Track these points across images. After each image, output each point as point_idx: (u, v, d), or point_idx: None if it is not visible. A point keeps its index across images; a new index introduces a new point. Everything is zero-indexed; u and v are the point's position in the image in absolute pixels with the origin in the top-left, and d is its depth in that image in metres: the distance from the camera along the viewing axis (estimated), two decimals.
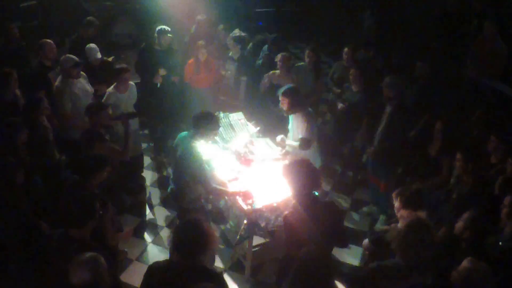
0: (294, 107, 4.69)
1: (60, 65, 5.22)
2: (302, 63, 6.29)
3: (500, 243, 3.28)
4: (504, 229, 3.37)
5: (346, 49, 6.08)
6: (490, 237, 3.40)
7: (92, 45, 5.87)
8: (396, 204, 3.58)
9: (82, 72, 5.44)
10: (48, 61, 5.65)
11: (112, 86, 5.33)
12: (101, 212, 3.26)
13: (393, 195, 3.66)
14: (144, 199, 5.79)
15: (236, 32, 6.26)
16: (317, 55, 6.12)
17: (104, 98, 5.29)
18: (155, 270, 2.80)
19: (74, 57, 5.26)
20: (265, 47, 6.85)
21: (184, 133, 4.30)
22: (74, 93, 5.22)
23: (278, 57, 5.93)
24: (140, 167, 6.10)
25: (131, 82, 5.57)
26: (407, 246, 2.86)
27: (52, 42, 5.68)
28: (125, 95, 5.39)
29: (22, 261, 3.47)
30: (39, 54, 5.67)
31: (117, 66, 5.38)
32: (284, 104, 4.70)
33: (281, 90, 4.73)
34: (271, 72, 6.05)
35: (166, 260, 2.89)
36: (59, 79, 5.27)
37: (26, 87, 5.23)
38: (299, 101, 4.72)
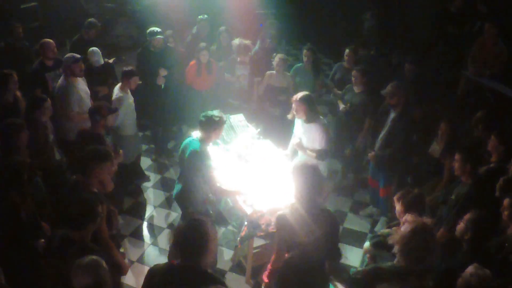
0: (311, 115, 4.58)
1: (63, 64, 5.25)
2: (300, 63, 6.30)
3: (506, 244, 3.28)
4: (507, 231, 3.37)
5: (347, 50, 6.08)
6: (492, 239, 3.40)
7: (95, 49, 5.88)
8: (398, 207, 3.58)
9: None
10: (49, 61, 5.68)
11: (118, 88, 5.32)
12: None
13: (395, 198, 3.66)
14: (145, 201, 5.80)
15: (237, 41, 6.25)
16: (314, 55, 6.13)
17: (116, 101, 5.24)
18: (156, 272, 2.79)
19: (75, 54, 5.29)
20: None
21: (191, 138, 4.32)
22: (78, 94, 5.23)
23: (276, 59, 5.96)
24: (140, 167, 6.11)
25: None
26: (410, 251, 2.86)
27: (52, 41, 5.70)
28: (129, 95, 5.43)
29: (23, 261, 3.48)
30: (40, 54, 5.70)
31: (126, 69, 5.37)
32: (300, 111, 4.59)
33: (297, 96, 4.63)
34: (267, 72, 6.06)
35: (168, 262, 2.88)
36: (61, 78, 5.27)
37: (24, 86, 5.24)
38: (315, 108, 4.62)
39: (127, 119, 5.40)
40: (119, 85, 5.37)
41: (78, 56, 5.28)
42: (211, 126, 4.13)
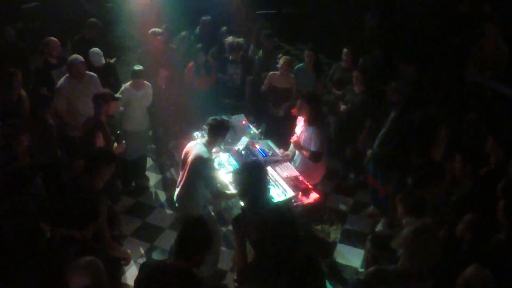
0: (314, 117, 4.54)
1: (67, 64, 5.27)
2: (302, 64, 6.30)
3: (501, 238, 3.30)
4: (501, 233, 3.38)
5: (345, 50, 6.07)
6: (491, 239, 3.40)
7: (96, 49, 5.89)
8: (399, 209, 3.59)
9: (93, 74, 5.52)
10: (53, 59, 5.70)
11: (128, 83, 5.51)
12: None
13: (397, 199, 3.66)
14: (145, 201, 5.80)
15: (230, 39, 6.25)
16: (316, 56, 6.12)
17: (119, 92, 5.39)
18: (145, 266, 2.81)
19: (79, 57, 5.32)
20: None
21: (195, 141, 4.29)
22: (73, 93, 5.25)
23: (281, 61, 5.95)
24: (142, 168, 6.11)
25: (147, 82, 5.64)
26: (414, 252, 2.86)
27: (56, 40, 5.74)
28: (139, 92, 5.52)
29: (23, 262, 3.49)
30: (44, 52, 5.72)
31: (136, 68, 5.52)
32: (302, 110, 4.57)
33: (304, 94, 4.62)
34: (271, 72, 6.06)
35: (161, 260, 2.86)
36: (64, 79, 5.33)
37: (27, 85, 5.27)
38: (319, 110, 4.60)
39: (128, 113, 5.43)
40: (130, 81, 5.52)
41: (79, 59, 5.28)
42: (221, 130, 4.12)
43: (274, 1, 10.09)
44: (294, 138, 4.80)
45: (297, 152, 4.89)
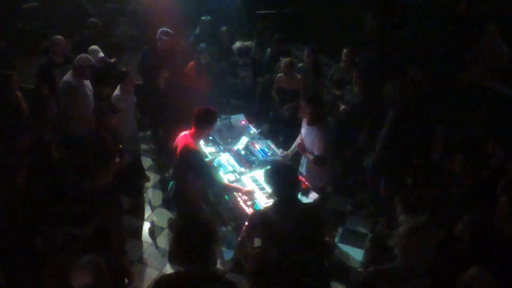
0: (315, 117, 4.59)
1: (76, 62, 5.21)
2: (301, 64, 6.30)
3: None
4: (503, 231, 3.37)
5: (345, 51, 6.06)
6: (491, 239, 3.40)
7: (94, 46, 5.90)
8: (398, 208, 3.59)
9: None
10: (58, 57, 5.69)
11: (117, 90, 5.38)
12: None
13: (396, 199, 3.67)
14: (144, 200, 5.80)
15: (238, 44, 6.26)
16: (315, 55, 6.12)
17: (116, 101, 5.26)
18: (165, 285, 2.64)
19: (90, 58, 5.31)
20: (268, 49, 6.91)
21: (184, 132, 4.31)
22: (85, 93, 5.24)
23: (282, 64, 5.96)
24: (139, 167, 6.11)
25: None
26: (410, 251, 2.86)
27: (62, 38, 5.73)
28: (129, 97, 5.48)
29: (22, 261, 3.49)
30: (49, 51, 5.71)
31: (122, 70, 5.47)
32: (305, 111, 4.61)
33: (306, 96, 4.68)
34: (278, 75, 6.07)
35: (174, 272, 2.77)
36: (69, 74, 5.26)
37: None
38: (322, 111, 4.65)
39: (122, 120, 5.41)
40: (119, 86, 5.40)
41: (93, 62, 5.30)
42: (207, 120, 4.13)
43: (274, 1, 10.10)
44: (298, 141, 4.81)
45: (303, 156, 4.89)
